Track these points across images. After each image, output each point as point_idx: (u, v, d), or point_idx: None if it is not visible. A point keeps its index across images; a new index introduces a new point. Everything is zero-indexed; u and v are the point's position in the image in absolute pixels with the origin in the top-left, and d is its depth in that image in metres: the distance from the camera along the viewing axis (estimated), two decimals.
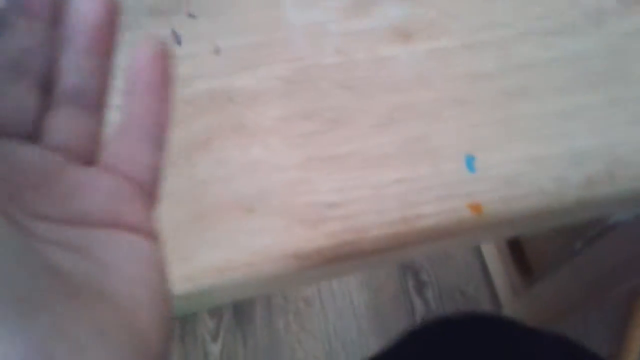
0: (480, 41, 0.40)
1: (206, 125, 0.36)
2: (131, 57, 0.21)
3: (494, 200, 0.35)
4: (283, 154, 0.36)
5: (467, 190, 0.35)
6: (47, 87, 0.20)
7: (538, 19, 0.40)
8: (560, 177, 0.36)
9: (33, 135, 0.19)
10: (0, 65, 0.19)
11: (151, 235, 0.19)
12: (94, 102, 0.21)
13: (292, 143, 0.36)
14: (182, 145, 0.35)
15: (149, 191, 0.20)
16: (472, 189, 0.35)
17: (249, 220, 0.33)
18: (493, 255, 0.96)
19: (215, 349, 0.94)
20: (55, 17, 0.20)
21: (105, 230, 0.18)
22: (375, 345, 0.95)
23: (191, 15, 0.39)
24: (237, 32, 0.39)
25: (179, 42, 0.38)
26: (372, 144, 0.36)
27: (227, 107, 0.37)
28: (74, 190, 0.19)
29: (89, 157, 0.20)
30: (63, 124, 0.20)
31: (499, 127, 0.37)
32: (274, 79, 0.38)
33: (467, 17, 0.41)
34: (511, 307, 0.91)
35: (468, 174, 0.36)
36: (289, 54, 0.39)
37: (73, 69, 0.20)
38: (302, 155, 0.36)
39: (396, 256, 0.35)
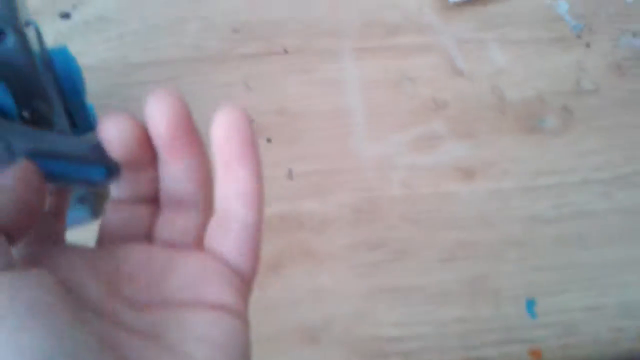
0: (540, 186, 0.42)
1: (277, 248, 0.37)
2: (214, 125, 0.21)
3: (554, 347, 0.36)
4: (348, 282, 0.37)
5: (528, 336, 0.36)
6: (155, 197, 0.22)
7: (596, 170, 0.42)
8: (616, 327, 0.37)
9: (147, 235, 0.22)
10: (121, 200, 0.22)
11: (235, 313, 0.20)
12: (193, 199, 0.22)
13: (358, 272, 0.37)
14: None
15: (242, 275, 0.21)
16: (532, 335, 0.36)
17: (311, 350, 0.34)
18: None
19: None
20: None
21: (191, 310, 0.19)
22: None
23: (268, 140, 0.41)
24: (310, 159, 0.41)
25: None
26: (435, 279, 0.37)
27: (297, 232, 0.38)
28: (164, 274, 0.20)
29: (193, 245, 0.22)
30: (168, 224, 0.22)
31: (556, 272, 0.38)
32: (343, 207, 0.39)
33: (527, 161, 0.43)
34: None
35: (529, 319, 0.36)
36: (358, 183, 0.40)
37: (166, 176, 0.22)
38: (366, 286, 0.37)
39: None
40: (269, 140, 0.41)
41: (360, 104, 0.44)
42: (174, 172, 0.22)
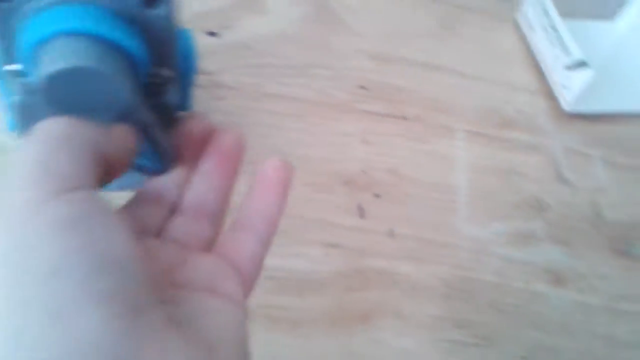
0: (623, 310, 0.42)
1: (369, 301, 0.38)
2: (260, 165, 0.26)
3: None
4: (430, 353, 0.37)
5: None
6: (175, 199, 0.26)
7: None
8: None
9: (157, 233, 0.24)
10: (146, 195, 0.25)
11: (240, 305, 0.22)
12: (208, 214, 0.25)
13: (440, 346, 0.37)
14: (344, 312, 0.37)
15: (246, 279, 0.23)
16: None
17: None
18: None
19: None
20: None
21: (202, 294, 0.21)
22: None
23: (376, 195, 0.42)
24: (412, 223, 0.42)
25: (361, 216, 0.41)
26: None
27: (390, 290, 0.38)
28: (175, 265, 0.22)
29: (203, 247, 0.24)
30: (182, 227, 0.24)
31: None
32: (436, 278, 0.40)
33: (614, 282, 0.43)
34: None
35: None
36: (453, 259, 0.41)
37: (199, 185, 0.25)
38: None
39: None
40: (376, 196, 0.42)
41: (467, 184, 0.45)
42: (208, 184, 0.25)
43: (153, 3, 0.23)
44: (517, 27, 0.55)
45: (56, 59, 0.21)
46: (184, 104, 0.34)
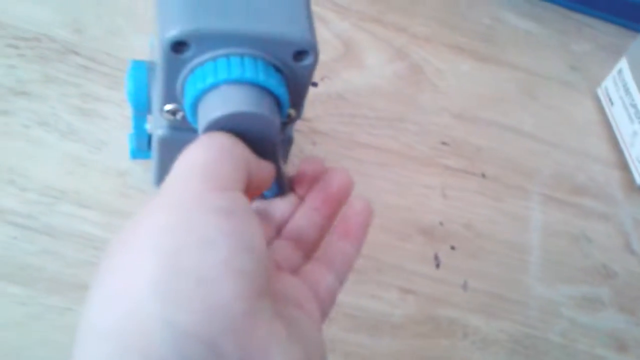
0: None
1: (440, 350, 0.40)
2: (346, 205, 0.29)
3: None
4: None
5: None
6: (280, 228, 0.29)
7: None
8: None
9: None
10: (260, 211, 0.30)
11: (320, 327, 0.25)
12: (305, 246, 0.28)
13: None
14: (414, 356, 0.39)
15: (322, 308, 0.26)
16: None
17: None
18: None
19: None
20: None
21: (295, 307, 0.24)
22: None
23: (452, 247, 0.45)
24: (485, 278, 0.44)
25: (437, 266, 0.44)
26: None
27: (461, 340, 0.41)
28: (275, 281, 0.25)
29: (292, 270, 0.27)
30: (280, 249, 0.28)
31: None
32: (503, 333, 0.42)
33: None
34: None
35: None
36: (521, 317, 0.43)
37: (303, 218, 0.29)
38: None
39: None
40: (452, 248, 0.45)
41: (539, 245, 0.47)
42: (310, 219, 0.29)
43: (301, 58, 0.27)
44: (596, 100, 0.57)
45: (224, 104, 0.25)
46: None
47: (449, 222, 0.46)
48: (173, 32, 0.25)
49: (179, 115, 0.30)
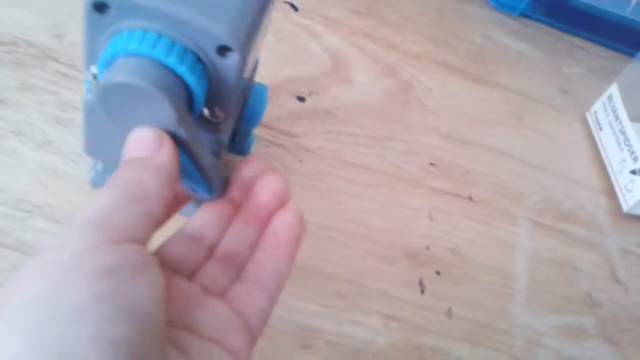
0: None
1: None
2: (279, 213, 0.27)
3: None
4: None
5: None
6: (212, 248, 0.27)
7: None
8: None
9: (190, 275, 0.26)
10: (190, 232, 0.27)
11: (242, 355, 0.23)
12: (236, 265, 0.26)
13: None
14: None
15: (252, 334, 0.25)
16: None
17: None
18: None
19: None
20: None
21: (209, 343, 0.23)
22: None
23: (437, 273, 0.44)
24: (470, 305, 0.43)
25: (422, 291, 0.43)
26: None
27: None
28: (198, 310, 0.24)
29: (219, 294, 0.25)
30: (211, 271, 0.26)
31: None
32: None
33: None
34: None
35: None
36: (506, 346, 0.42)
37: (234, 235, 0.27)
38: None
39: None
40: (437, 273, 0.44)
41: (525, 273, 0.46)
42: (243, 237, 0.27)
43: (225, 54, 0.26)
44: (585, 124, 0.57)
45: (118, 73, 0.24)
46: (241, 147, 0.37)
47: (435, 246, 0.46)
48: None
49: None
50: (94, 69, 0.28)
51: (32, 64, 0.42)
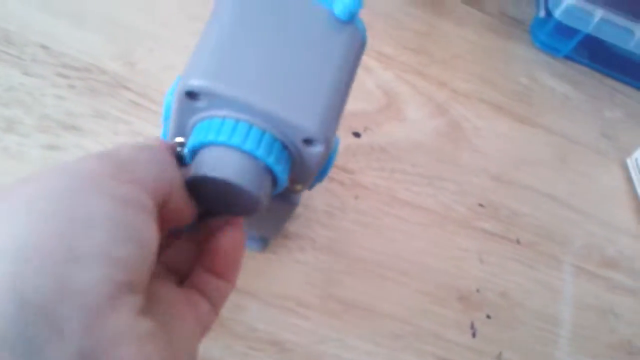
0: None
1: None
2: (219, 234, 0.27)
3: None
4: None
5: None
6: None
7: None
8: None
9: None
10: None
11: (196, 338, 0.25)
12: (178, 275, 0.27)
13: None
14: None
15: (201, 328, 0.25)
16: None
17: None
18: None
19: None
20: None
21: (176, 318, 0.23)
22: None
23: (488, 316, 0.45)
24: (520, 349, 0.44)
25: (473, 335, 0.44)
26: None
27: None
28: (167, 293, 0.24)
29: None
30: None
31: None
32: None
33: None
34: None
35: None
36: None
37: (177, 249, 0.27)
38: None
39: None
40: (488, 317, 0.45)
41: (569, 318, 0.47)
42: (185, 248, 0.28)
43: (311, 144, 0.27)
44: (625, 169, 0.58)
45: (209, 166, 0.25)
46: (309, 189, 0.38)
47: (485, 290, 0.46)
48: (189, 82, 0.25)
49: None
50: (179, 139, 0.28)
51: (104, 91, 0.43)
